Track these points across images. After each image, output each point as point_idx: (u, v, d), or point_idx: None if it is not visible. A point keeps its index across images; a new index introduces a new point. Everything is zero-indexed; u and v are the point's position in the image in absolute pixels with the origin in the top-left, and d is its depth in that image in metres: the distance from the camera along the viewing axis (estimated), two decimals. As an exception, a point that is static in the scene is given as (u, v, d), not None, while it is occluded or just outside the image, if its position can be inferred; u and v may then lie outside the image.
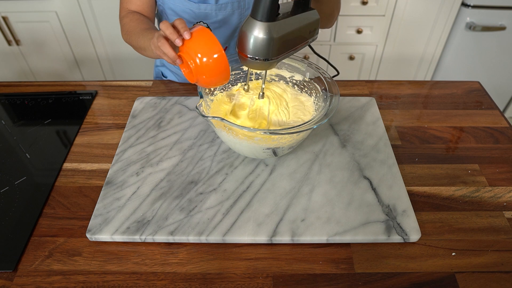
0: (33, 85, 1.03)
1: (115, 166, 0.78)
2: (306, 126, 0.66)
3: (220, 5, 0.88)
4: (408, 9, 1.67)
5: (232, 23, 0.93)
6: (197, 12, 0.89)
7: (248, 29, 0.60)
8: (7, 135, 0.88)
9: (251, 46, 0.61)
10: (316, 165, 0.77)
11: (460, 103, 0.97)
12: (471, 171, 0.79)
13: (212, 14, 0.89)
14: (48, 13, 1.66)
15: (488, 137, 0.87)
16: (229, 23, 0.93)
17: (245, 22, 0.61)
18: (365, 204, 0.70)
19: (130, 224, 0.67)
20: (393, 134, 0.87)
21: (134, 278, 0.62)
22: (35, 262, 0.64)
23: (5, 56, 1.80)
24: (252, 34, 0.60)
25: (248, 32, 0.60)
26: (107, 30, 1.74)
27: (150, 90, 1.00)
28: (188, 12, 0.89)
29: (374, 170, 0.76)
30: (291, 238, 0.65)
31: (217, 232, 0.66)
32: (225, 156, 0.79)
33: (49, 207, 0.72)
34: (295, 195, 0.71)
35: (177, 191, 0.72)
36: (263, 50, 0.61)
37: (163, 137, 0.84)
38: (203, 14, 0.89)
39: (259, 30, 0.59)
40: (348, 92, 0.99)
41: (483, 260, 0.64)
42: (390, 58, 1.84)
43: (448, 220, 0.70)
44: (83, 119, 0.92)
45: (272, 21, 0.59)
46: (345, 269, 0.63)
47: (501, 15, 1.63)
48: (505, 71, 1.83)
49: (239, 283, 0.61)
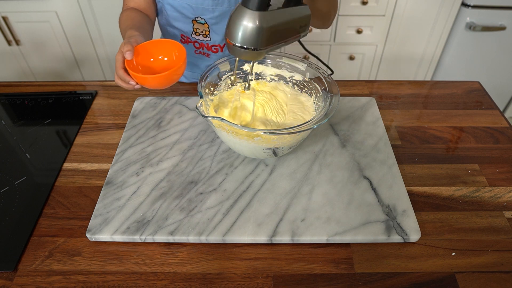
0: (33, 85, 1.03)
1: (115, 166, 0.78)
2: (306, 126, 0.66)
3: (217, 1, 0.89)
4: (408, 9, 1.67)
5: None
6: (194, 7, 0.90)
7: (238, 17, 0.59)
8: (7, 135, 0.88)
9: (240, 34, 0.60)
10: (316, 165, 0.77)
11: (460, 103, 0.97)
12: (471, 171, 0.79)
13: (209, 9, 0.90)
14: (48, 13, 1.66)
15: (488, 137, 0.87)
16: (226, 19, 0.93)
17: (235, 10, 0.60)
18: (365, 204, 0.70)
19: (130, 224, 0.67)
20: (393, 134, 0.87)
21: (134, 278, 0.62)
22: (35, 262, 0.64)
23: (5, 56, 1.80)
24: (242, 22, 0.59)
25: (238, 20, 0.59)
26: (107, 30, 1.74)
27: (150, 90, 1.00)
28: (186, 7, 0.91)
29: (374, 170, 0.76)
30: (291, 238, 0.65)
31: (217, 232, 0.66)
32: (225, 156, 0.79)
33: (49, 207, 0.72)
34: (295, 195, 0.71)
35: (177, 191, 0.72)
36: (252, 39, 0.60)
37: (163, 137, 0.84)
38: (200, 9, 0.90)
39: (249, 18, 0.58)
40: (348, 92, 0.99)
41: (483, 260, 0.64)
42: (390, 58, 1.84)
43: (448, 220, 0.70)
44: (83, 119, 0.92)
45: (262, 10, 0.58)
46: (345, 269, 0.63)
47: (501, 15, 1.63)
48: (505, 71, 1.83)
49: (239, 283, 0.61)
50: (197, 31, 0.95)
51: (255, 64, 0.83)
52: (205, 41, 0.98)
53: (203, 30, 0.95)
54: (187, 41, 0.99)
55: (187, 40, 0.99)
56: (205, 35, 0.96)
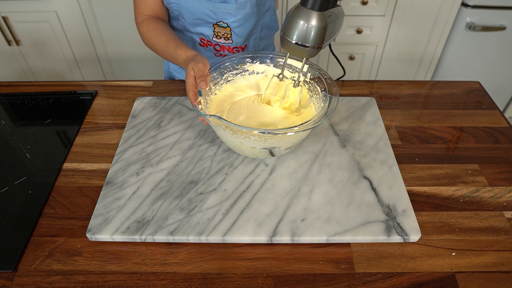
0: (33, 85, 1.03)
1: (115, 166, 0.78)
2: (304, 127, 0.66)
3: (240, 4, 0.89)
4: (408, 9, 1.66)
5: (250, 22, 0.94)
6: (217, 12, 0.90)
7: (299, 16, 0.64)
8: (7, 135, 0.88)
9: (299, 32, 0.65)
10: (316, 165, 0.77)
11: (460, 103, 0.97)
12: (471, 171, 0.79)
13: (232, 13, 0.90)
14: (48, 13, 1.66)
15: (488, 137, 0.87)
16: (248, 22, 0.94)
17: (295, 9, 0.65)
18: (365, 204, 0.70)
19: (130, 224, 0.67)
20: (393, 134, 0.87)
21: (134, 278, 0.62)
22: (35, 262, 0.64)
23: (5, 56, 1.80)
24: (303, 21, 0.64)
25: (299, 19, 0.64)
26: (107, 30, 1.74)
27: (150, 90, 1.00)
28: (208, 13, 0.90)
29: (374, 170, 0.76)
30: (291, 238, 0.65)
31: (217, 232, 0.66)
32: (225, 156, 0.79)
33: (49, 207, 0.72)
34: (295, 195, 0.71)
35: (177, 191, 0.72)
36: (312, 37, 0.65)
37: (163, 137, 0.84)
38: (222, 14, 0.90)
39: (311, 18, 0.63)
40: (348, 92, 0.99)
41: (483, 260, 0.64)
42: (390, 58, 1.84)
43: (448, 220, 0.70)
44: (83, 119, 0.92)
45: (322, 11, 0.63)
46: (345, 269, 0.63)
47: (501, 15, 1.63)
48: (505, 71, 1.83)
49: (239, 283, 0.61)
50: (218, 34, 0.95)
51: (258, 64, 0.83)
52: (226, 44, 0.97)
53: (225, 33, 0.95)
54: (207, 44, 0.99)
55: (206, 43, 0.98)
56: (226, 38, 0.96)
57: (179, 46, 0.82)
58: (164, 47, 0.86)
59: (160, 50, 0.88)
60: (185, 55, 0.79)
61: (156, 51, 0.91)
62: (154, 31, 0.88)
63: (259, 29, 0.98)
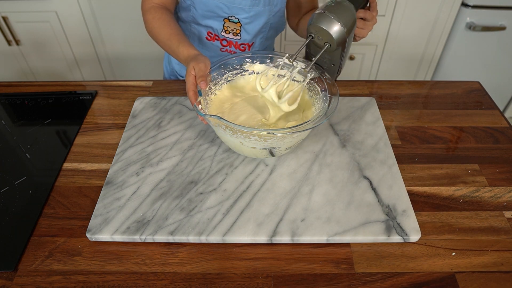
0: (33, 85, 1.03)
1: (115, 166, 0.78)
2: (304, 127, 0.66)
3: (254, 1, 0.89)
4: (408, 9, 1.66)
5: (261, 20, 0.94)
6: (230, 7, 0.90)
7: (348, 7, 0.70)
8: (7, 135, 0.88)
9: (346, 16, 0.70)
10: (316, 165, 0.77)
11: (460, 103, 0.97)
12: (471, 171, 0.79)
13: (245, 9, 0.90)
14: (48, 13, 1.66)
15: (488, 137, 0.87)
16: (259, 20, 0.94)
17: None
18: (365, 204, 0.70)
19: (130, 224, 0.67)
20: (393, 134, 0.87)
21: (134, 278, 0.62)
22: (35, 262, 0.64)
23: (5, 56, 1.80)
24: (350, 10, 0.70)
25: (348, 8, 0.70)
26: (107, 30, 1.74)
27: (150, 90, 1.00)
28: (221, 6, 0.90)
29: (374, 170, 0.76)
30: (291, 238, 0.65)
31: (217, 232, 0.66)
32: (225, 156, 0.79)
33: (49, 207, 0.72)
34: (295, 195, 0.71)
35: (177, 191, 0.72)
36: (350, 23, 0.71)
37: (163, 137, 0.84)
38: (236, 9, 0.90)
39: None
40: (348, 92, 0.99)
41: (483, 260, 0.64)
42: (390, 58, 1.84)
43: (448, 220, 0.70)
44: (83, 119, 0.92)
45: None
46: (345, 269, 0.63)
47: (501, 15, 1.63)
48: (505, 71, 1.83)
49: (239, 283, 0.61)
50: (228, 29, 0.95)
51: (258, 64, 0.83)
52: (234, 39, 0.97)
53: (234, 29, 0.95)
54: (214, 38, 0.98)
55: (213, 38, 0.98)
56: (235, 34, 0.96)
57: (182, 42, 0.81)
58: (167, 40, 0.85)
59: (162, 41, 0.87)
60: (186, 53, 0.79)
61: (157, 41, 0.89)
62: (160, 21, 0.87)
63: (267, 29, 0.99)
